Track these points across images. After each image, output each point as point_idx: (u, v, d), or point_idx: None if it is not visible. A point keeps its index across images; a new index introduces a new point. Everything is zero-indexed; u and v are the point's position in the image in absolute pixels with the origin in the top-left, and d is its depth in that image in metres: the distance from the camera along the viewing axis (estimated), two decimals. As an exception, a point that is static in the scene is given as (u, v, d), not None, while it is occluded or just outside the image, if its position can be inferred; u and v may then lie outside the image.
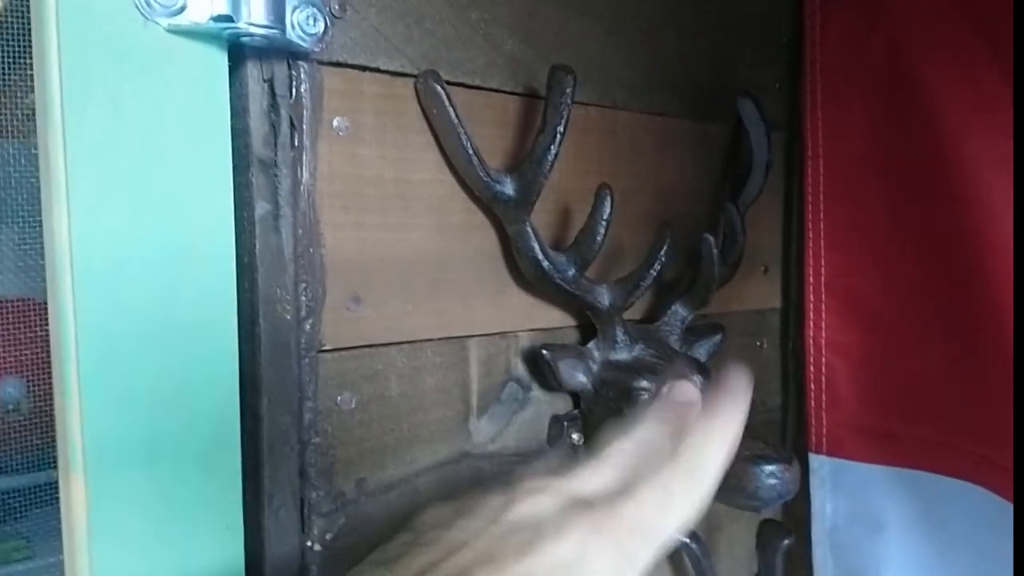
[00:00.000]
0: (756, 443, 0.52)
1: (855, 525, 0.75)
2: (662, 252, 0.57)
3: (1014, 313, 0.58)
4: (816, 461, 0.77)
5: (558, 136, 0.50)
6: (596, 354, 0.59)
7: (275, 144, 0.45)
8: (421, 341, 0.52)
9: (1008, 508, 0.62)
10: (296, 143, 0.45)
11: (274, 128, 0.45)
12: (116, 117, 0.39)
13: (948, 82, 0.64)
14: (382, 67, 0.49)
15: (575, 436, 0.61)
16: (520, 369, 0.58)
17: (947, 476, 0.68)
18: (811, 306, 0.75)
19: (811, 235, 0.75)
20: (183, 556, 0.43)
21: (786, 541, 0.66)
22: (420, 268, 0.52)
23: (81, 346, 0.39)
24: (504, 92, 0.55)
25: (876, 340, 0.73)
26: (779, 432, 0.80)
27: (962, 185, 0.64)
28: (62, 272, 0.39)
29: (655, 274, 0.57)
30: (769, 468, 0.51)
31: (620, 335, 0.59)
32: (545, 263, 0.54)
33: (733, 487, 0.52)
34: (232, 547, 0.45)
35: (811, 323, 0.75)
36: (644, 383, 0.57)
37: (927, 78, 0.66)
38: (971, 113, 0.63)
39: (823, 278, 0.75)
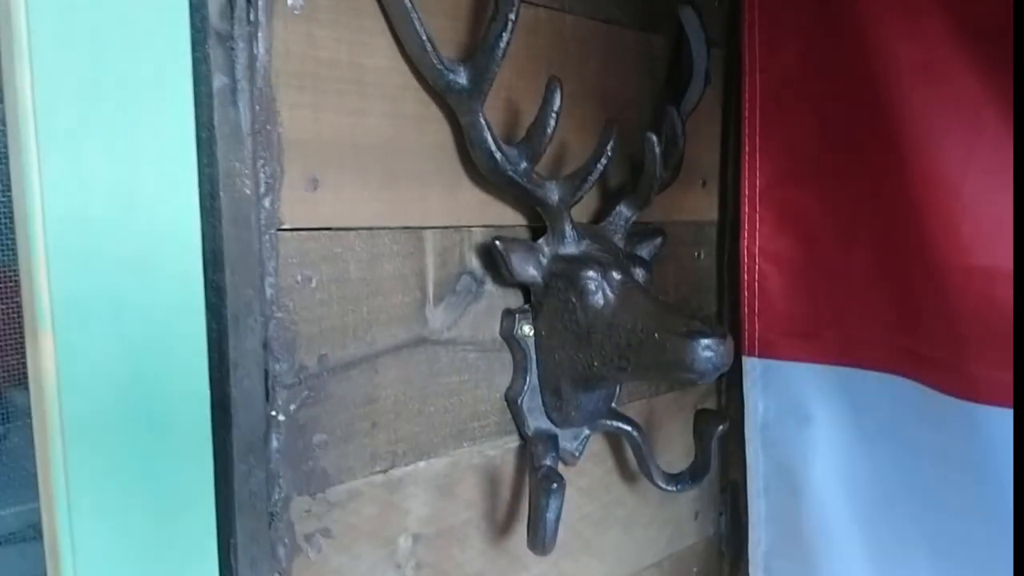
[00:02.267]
0: (693, 321, 0.56)
1: (784, 421, 0.79)
2: (608, 147, 0.59)
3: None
4: (749, 363, 0.81)
5: (509, 23, 0.51)
6: (546, 249, 0.61)
7: (231, 17, 0.45)
8: (378, 228, 0.54)
9: (929, 393, 0.67)
10: (252, 18, 0.46)
11: (231, 1, 0.45)
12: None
13: (886, 5, 0.67)
14: (337, -50, 0.49)
15: (526, 328, 0.63)
16: (474, 263, 0.60)
17: (870, 370, 0.73)
18: (746, 217, 0.79)
19: (747, 149, 0.78)
20: (150, 415, 0.44)
21: (720, 427, 0.70)
22: (376, 156, 0.53)
23: (48, 214, 0.39)
24: (455, -16, 0.56)
25: (806, 248, 0.77)
26: (732, 348, 0.84)
27: (888, 95, 0.67)
28: (26, 134, 0.39)
29: (601, 168, 0.59)
30: (705, 342, 0.54)
31: (568, 231, 0.61)
32: (498, 154, 0.55)
33: (672, 361, 0.55)
34: (199, 413, 0.46)
35: (746, 233, 0.79)
36: (591, 273, 0.59)
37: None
38: (896, 23, 0.66)
39: (758, 190, 0.78)
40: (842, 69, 0.70)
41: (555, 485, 0.56)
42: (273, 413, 0.49)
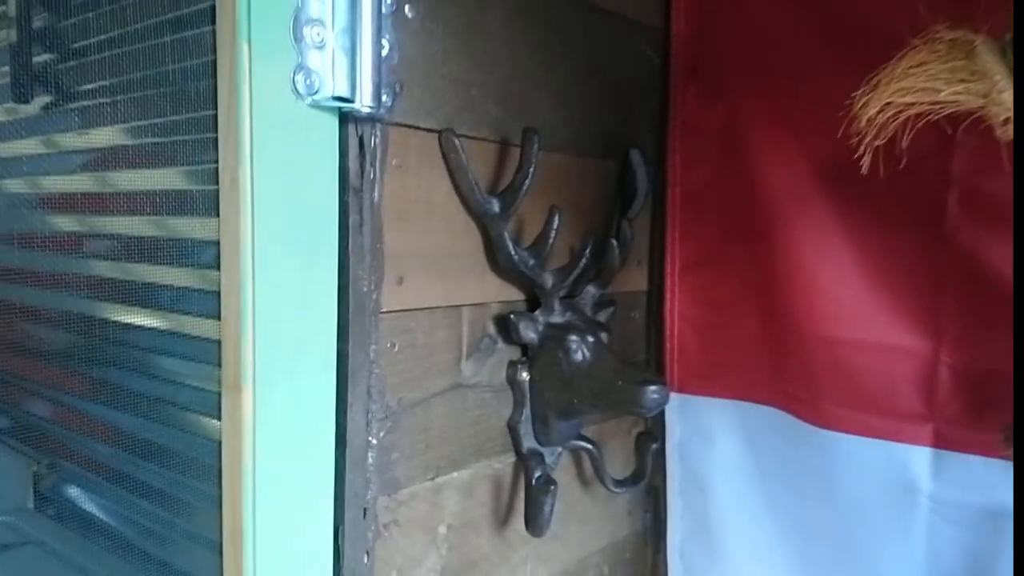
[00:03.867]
0: (645, 373, 0.81)
1: (695, 440, 1.06)
2: (586, 252, 0.83)
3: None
4: (671, 398, 1.07)
5: (531, 172, 0.75)
6: (541, 319, 0.85)
7: (362, 176, 0.67)
8: (435, 308, 0.76)
9: (795, 421, 0.95)
10: (372, 176, 0.68)
11: (361, 165, 0.67)
12: (282, 156, 0.60)
13: (765, 139, 0.95)
14: (421, 126, 0.71)
15: (524, 375, 0.86)
16: (492, 329, 0.83)
17: (756, 403, 1.00)
18: (669, 289, 1.05)
19: (669, 239, 1.04)
20: (305, 441, 0.64)
21: (654, 445, 0.95)
22: (436, 259, 0.75)
23: (257, 303, 0.60)
24: (489, 141, 0.79)
25: (713, 313, 1.04)
26: (668, 392, 1.10)
27: (768, 207, 0.95)
28: (246, 259, 0.59)
29: (580, 267, 0.84)
30: (652, 387, 0.79)
31: (557, 306, 0.85)
32: (515, 256, 0.79)
33: (630, 401, 0.80)
34: (327, 436, 0.67)
35: (668, 301, 1.05)
36: (573, 337, 0.84)
37: (751, 135, 0.96)
38: (774, 161, 0.94)
39: (677, 269, 1.05)
40: (740, 188, 0.98)
41: (552, 487, 0.80)
42: (370, 439, 0.70)
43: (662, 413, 1.07)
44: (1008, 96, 0.57)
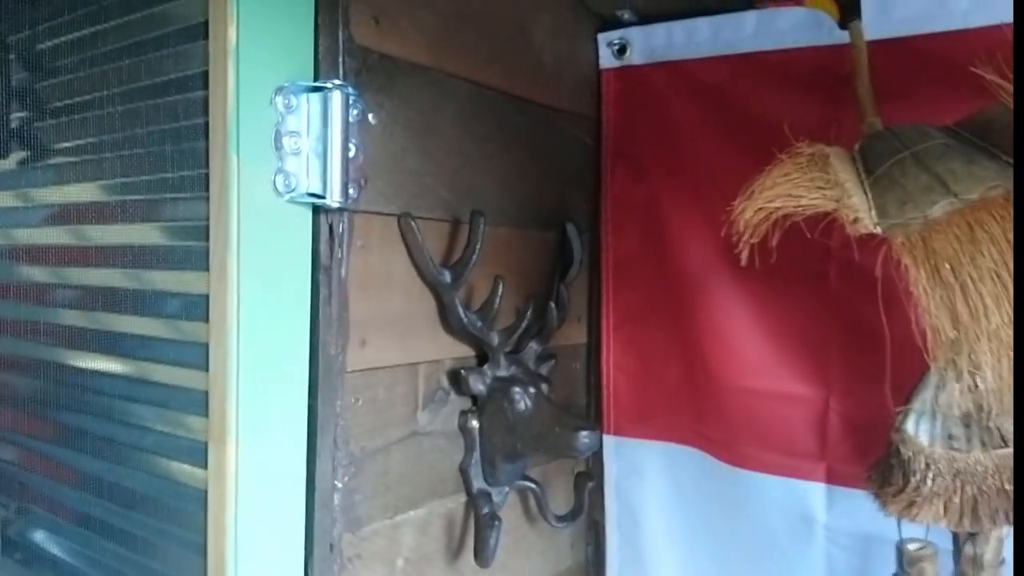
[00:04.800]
0: (578, 420, 0.92)
1: (629, 478, 1.16)
2: (527, 315, 0.95)
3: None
4: (606, 440, 1.18)
5: (477, 248, 0.86)
6: (489, 372, 0.95)
7: (331, 256, 0.77)
8: (395, 366, 0.86)
9: (714, 461, 1.06)
10: (340, 256, 0.78)
11: (331, 248, 0.77)
12: (263, 243, 0.70)
13: (679, 214, 1.08)
14: (382, 211, 0.82)
15: (474, 422, 0.96)
16: (445, 382, 0.93)
17: (680, 444, 1.12)
18: (605, 343, 1.17)
19: (604, 299, 1.16)
20: (280, 486, 0.73)
21: (590, 483, 1.05)
22: (395, 323, 0.85)
23: (241, 364, 0.69)
24: (442, 220, 0.90)
25: (643, 365, 1.15)
26: (599, 437, 1.20)
27: (688, 275, 1.08)
28: (231, 329, 0.69)
29: (523, 327, 0.95)
30: (584, 433, 0.89)
31: (503, 361, 0.96)
32: (465, 319, 0.89)
33: (564, 445, 0.91)
34: (299, 481, 0.76)
35: (604, 353, 1.17)
36: (517, 389, 0.94)
37: (668, 211, 1.09)
38: (692, 237, 1.07)
39: (611, 325, 1.17)
40: (659, 255, 1.10)
41: (497, 523, 0.90)
42: (336, 483, 0.80)
43: (600, 454, 1.18)
44: (856, 200, 0.70)
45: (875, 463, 0.76)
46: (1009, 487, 0.68)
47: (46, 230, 0.95)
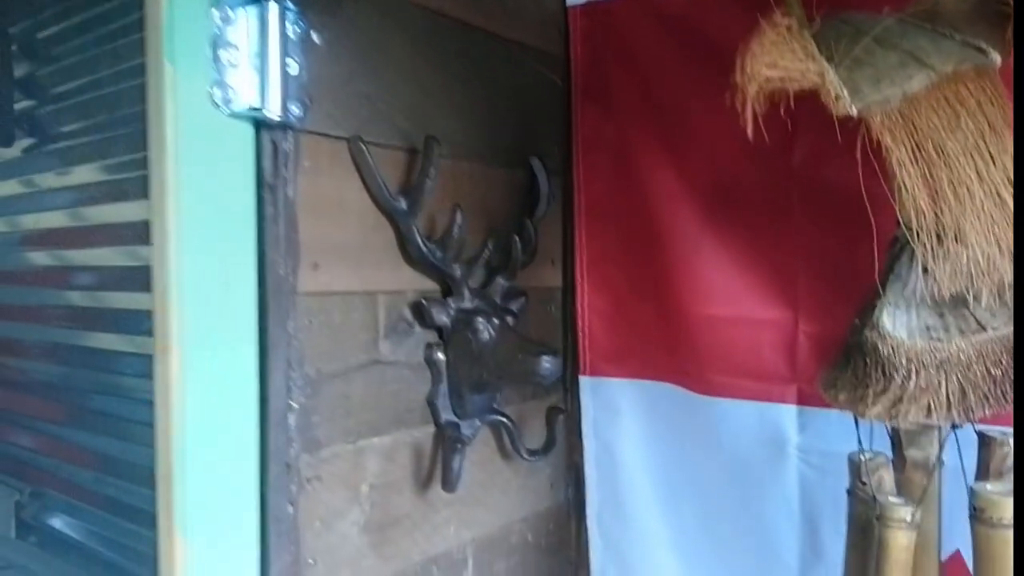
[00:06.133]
0: (540, 347, 0.89)
1: (605, 417, 1.13)
2: (489, 245, 0.92)
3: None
4: (583, 381, 1.15)
5: (430, 172, 0.84)
6: (452, 305, 0.93)
7: (276, 175, 0.75)
8: (350, 292, 0.84)
9: (685, 393, 1.03)
10: (287, 176, 0.76)
11: (275, 166, 0.75)
12: (204, 158, 0.69)
13: (647, 152, 1.05)
14: (331, 133, 0.81)
15: (440, 355, 0.94)
16: (408, 315, 0.91)
17: (654, 380, 1.09)
18: (579, 284, 1.14)
19: (577, 240, 1.13)
20: (230, 401, 0.72)
21: (560, 416, 1.03)
22: (351, 250, 0.84)
23: (183, 278, 0.68)
24: (399, 149, 0.88)
25: (616, 304, 1.12)
26: (562, 363, 1.18)
27: (658, 210, 1.05)
28: (170, 245, 0.68)
29: (485, 257, 0.92)
30: (546, 358, 0.87)
31: (466, 293, 0.94)
32: (424, 249, 0.87)
33: (527, 371, 0.88)
34: (251, 398, 0.74)
35: (579, 294, 1.14)
36: (481, 320, 0.92)
37: (637, 149, 1.06)
38: (660, 173, 1.04)
39: (585, 266, 1.14)
40: (629, 193, 1.07)
41: (459, 445, 0.87)
42: (291, 402, 0.78)
43: (577, 395, 1.15)
44: (833, 78, 0.65)
45: (831, 369, 0.72)
46: (995, 371, 0.64)
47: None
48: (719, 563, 1.01)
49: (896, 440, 0.70)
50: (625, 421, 1.12)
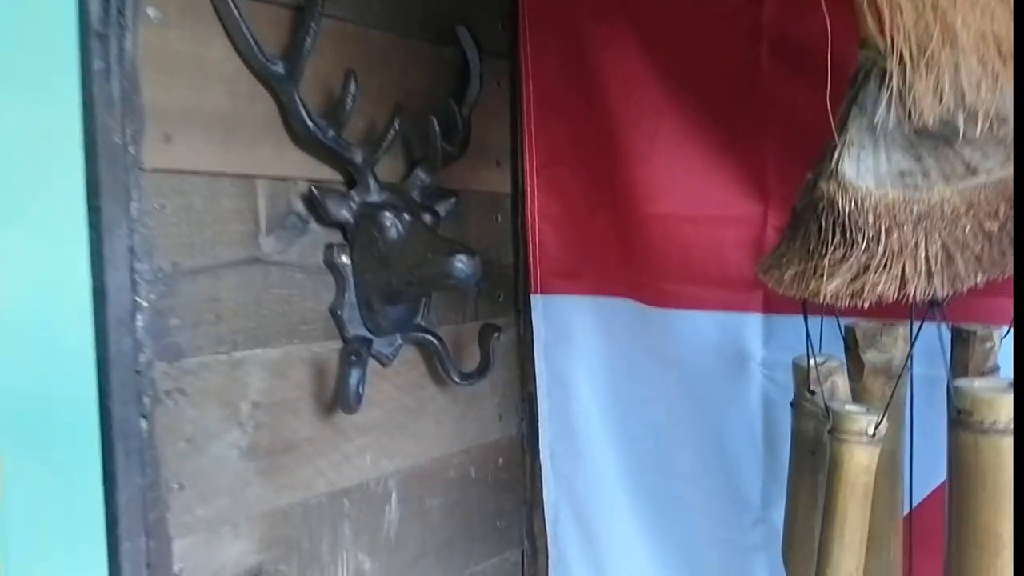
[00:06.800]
0: (453, 245, 0.75)
1: (557, 340, 1.00)
2: (395, 123, 0.78)
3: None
4: (534, 300, 1.01)
5: (311, 29, 0.70)
6: (356, 197, 0.80)
7: (106, 22, 0.62)
8: (217, 174, 0.71)
9: (642, 307, 0.89)
10: (122, 23, 0.63)
11: (106, 12, 0.62)
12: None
13: (607, 25, 0.89)
14: (185, -22, 0.67)
15: (344, 258, 0.81)
16: (300, 207, 0.78)
17: (609, 296, 0.95)
18: (528, 188, 1.00)
19: (525, 136, 0.99)
20: (50, 288, 0.60)
21: (496, 334, 0.89)
22: (217, 122, 0.70)
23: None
24: (282, 6, 0.74)
25: (570, 212, 0.98)
26: (512, 282, 1.04)
27: (611, 99, 0.89)
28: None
29: (391, 136, 0.78)
30: (460, 257, 0.73)
31: (372, 184, 0.80)
32: (310, 124, 0.74)
33: (440, 273, 0.75)
34: (81, 289, 0.62)
35: (528, 199, 1.00)
36: (387, 214, 0.78)
37: (593, 23, 0.90)
38: (612, 56, 0.88)
39: (535, 168, 0.99)
40: (579, 81, 0.92)
41: (353, 357, 0.75)
42: (138, 299, 0.66)
43: (528, 317, 1.02)
44: None
45: (776, 247, 0.57)
46: (990, 225, 0.48)
47: None
48: (676, 501, 0.87)
49: (851, 342, 0.55)
50: (578, 345, 0.98)
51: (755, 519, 0.79)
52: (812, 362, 0.55)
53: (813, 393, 0.54)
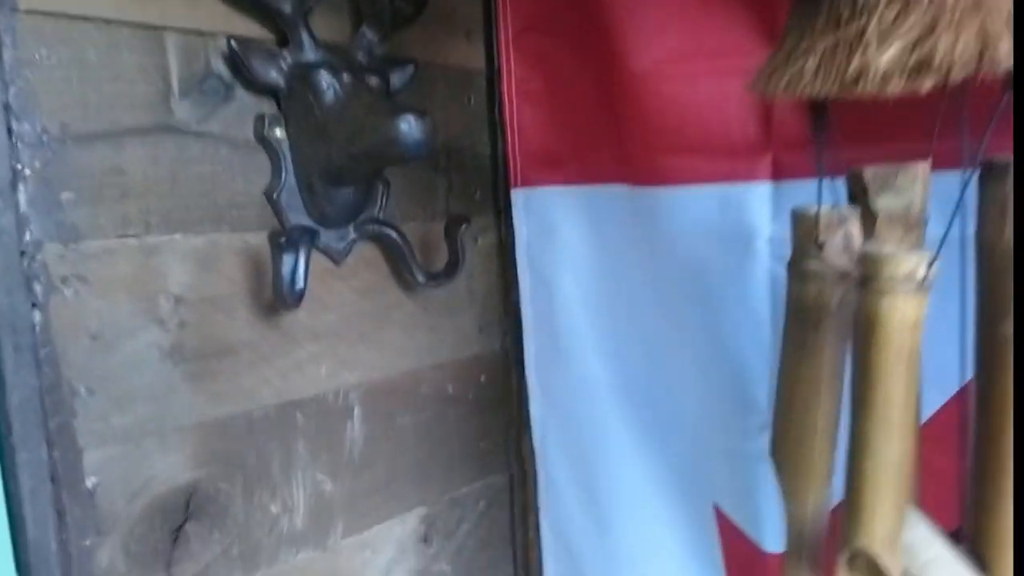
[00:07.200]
0: (398, 105, 0.64)
1: (540, 238, 0.88)
2: (329, -36, 0.66)
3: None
4: (515, 194, 0.89)
5: None
6: (288, 57, 0.68)
7: None
8: (113, 21, 0.60)
9: (636, 194, 0.77)
10: None
11: None
12: None
13: None
14: None
15: (278, 132, 0.70)
16: (221, 68, 0.67)
17: (597, 184, 0.83)
18: (503, 62, 0.87)
19: (499, 1, 0.86)
20: None
21: (463, 226, 0.78)
22: (109, -42, 0.59)
23: None
24: None
25: (552, 87, 0.85)
26: (490, 177, 0.92)
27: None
28: None
29: (325, -17, 0.66)
30: (405, 116, 0.62)
31: (307, 41, 0.68)
32: (223, -37, 0.62)
33: (384, 139, 0.63)
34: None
35: (504, 77, 0.87)
36: (323, 73, 0.67)
37: None
38: None
39: (510, 37, 0.86)
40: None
41: (283, 239, 0.64)
42: (19, 166, 0.56)
43: (509, 215, 0.90)
44: None
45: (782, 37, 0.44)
46: None
47: None
48: (673, 409, 0.77)
49: (857, 189, 0.43)
50: (563, 243, 0.86)
51: (762, 424, 0.68)
52: (819, 212, 0.43)
53: (822, 246, 0.42)
